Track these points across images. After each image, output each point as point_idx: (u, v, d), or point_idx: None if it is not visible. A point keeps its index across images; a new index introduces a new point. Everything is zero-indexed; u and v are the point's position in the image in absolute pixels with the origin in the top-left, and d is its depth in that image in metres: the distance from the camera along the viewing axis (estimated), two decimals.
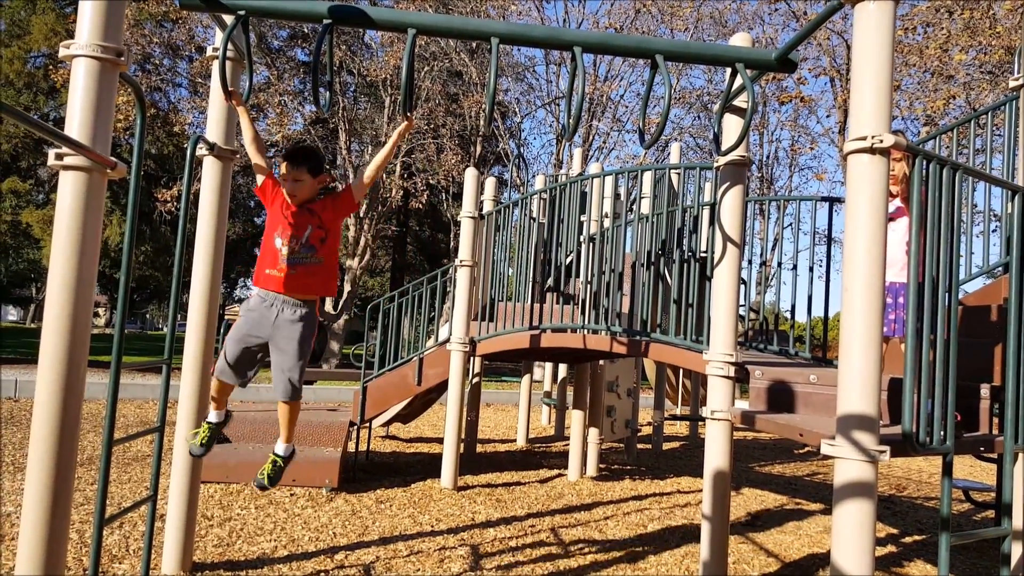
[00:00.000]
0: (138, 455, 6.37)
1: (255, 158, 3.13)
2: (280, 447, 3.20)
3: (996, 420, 3.02)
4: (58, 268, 2.27)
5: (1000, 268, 4.30)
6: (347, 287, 17.26)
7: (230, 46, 3.35)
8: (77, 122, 2.29)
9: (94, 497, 3.21)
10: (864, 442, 2.24)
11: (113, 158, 2.36)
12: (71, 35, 2.37)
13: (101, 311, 42.10)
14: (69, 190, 2.28)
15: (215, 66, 3.20)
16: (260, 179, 3.16)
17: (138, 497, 4.89)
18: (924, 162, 2.53)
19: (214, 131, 3.53)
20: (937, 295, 2.53)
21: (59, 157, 2.26)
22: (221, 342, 3.28)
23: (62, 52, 2.31)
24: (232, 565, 3.74)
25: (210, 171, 3.55)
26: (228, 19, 3.03)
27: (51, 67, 16.16)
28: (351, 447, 6.44)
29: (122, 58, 2.35)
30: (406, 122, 3.12)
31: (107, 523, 2.80)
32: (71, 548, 3.72)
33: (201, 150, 3.44)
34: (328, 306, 17.56)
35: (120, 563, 3.63)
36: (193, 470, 3.59)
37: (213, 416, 3.27)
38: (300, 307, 3.04)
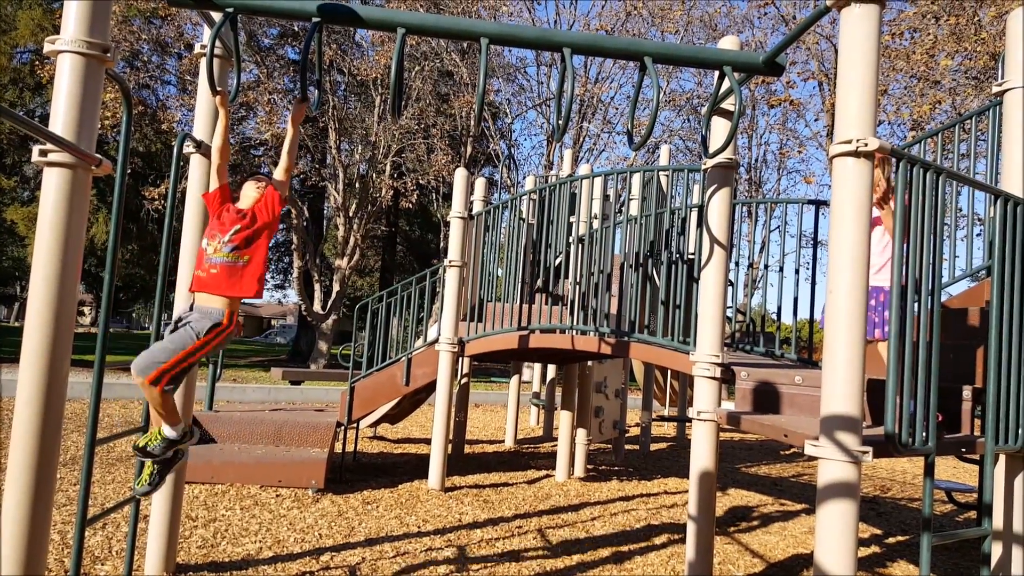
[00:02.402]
0: (122, 455, 6.32)
1: (217, 160, 2.91)
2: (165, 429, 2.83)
3: (978, 422, 3.06)
4: (41, 266, 2.25)
5: (983, 271, 4.34)
6: (336, 287, 17.19)
7: (218, 44, 3.34)
8: (62, 118, 2.28)
9: (77, 497, 3.18)
10: (847, 443, 2.26)
11: (98, 155, 2.35)
12: (58, 30, 2.35)
13: (87, 310, 41.71)
14: (53, 187, 2.27)
15: (203, 64, 3.18)
16: (213, 185, 2.92)
17: (121, 497, 4.85)
18: (908, 166, 2.55)
19: (201, 129, 3.52)
20: (920, 298, 2.56)
21: (43, 153, 2.24)
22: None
23: (47, 48, 2.30)
24: (216, 566, 3.71)
25: (197, 169, 3.53)
26: (217, 16, 3.02)
27: (37, 63, 16.02)
28: (338, 448, 6.41)
29: (108, 54, 2.33)
30: (302, 105, 2.97)
31: (89, 524, 2.78)
32: (53, 549, 3.68)
33: (188, 148, 3.43)
34: (316, 306, 17.48)
35: (103, 564, 3.60)
36: (177, 471, 3.56)
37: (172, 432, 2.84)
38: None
